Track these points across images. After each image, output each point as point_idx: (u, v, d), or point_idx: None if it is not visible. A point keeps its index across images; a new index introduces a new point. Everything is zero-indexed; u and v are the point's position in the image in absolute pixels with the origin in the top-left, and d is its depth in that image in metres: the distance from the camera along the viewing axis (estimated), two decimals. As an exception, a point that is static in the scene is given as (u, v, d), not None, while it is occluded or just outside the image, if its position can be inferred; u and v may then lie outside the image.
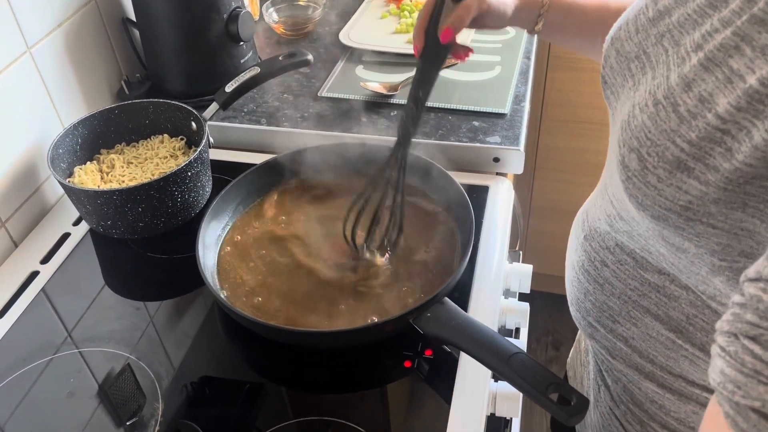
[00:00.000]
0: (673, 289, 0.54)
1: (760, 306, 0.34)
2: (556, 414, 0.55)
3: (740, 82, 0.40)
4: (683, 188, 0.43)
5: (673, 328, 0.56)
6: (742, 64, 0.41)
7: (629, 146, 0.47)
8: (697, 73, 0.44)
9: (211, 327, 0.74)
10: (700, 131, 0.42)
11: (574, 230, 0.67)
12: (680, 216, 0.45)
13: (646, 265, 0.55)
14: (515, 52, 1.10)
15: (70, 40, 0.93)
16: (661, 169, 0.44)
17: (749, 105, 0.39)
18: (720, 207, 0.42)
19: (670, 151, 0.44)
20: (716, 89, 0.42)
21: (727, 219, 0.42)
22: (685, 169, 0.43)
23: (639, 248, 0.55)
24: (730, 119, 0.40)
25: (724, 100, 0.41)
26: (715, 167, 0.41)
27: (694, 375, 0.57)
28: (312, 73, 1.09)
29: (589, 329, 0.65)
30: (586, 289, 0.63)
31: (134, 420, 0.64)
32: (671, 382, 0.59)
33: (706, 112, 0.42)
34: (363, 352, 0.70)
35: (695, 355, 0.55)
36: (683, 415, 0.60)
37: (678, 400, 0.59)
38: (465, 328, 0.63)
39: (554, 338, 1.84)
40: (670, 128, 0.44)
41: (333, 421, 0.63)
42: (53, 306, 0.77)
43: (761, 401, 0.33)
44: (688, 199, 0.43)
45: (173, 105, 0.90)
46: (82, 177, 0.84)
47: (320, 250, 0.78)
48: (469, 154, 0.91)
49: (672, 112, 0.44)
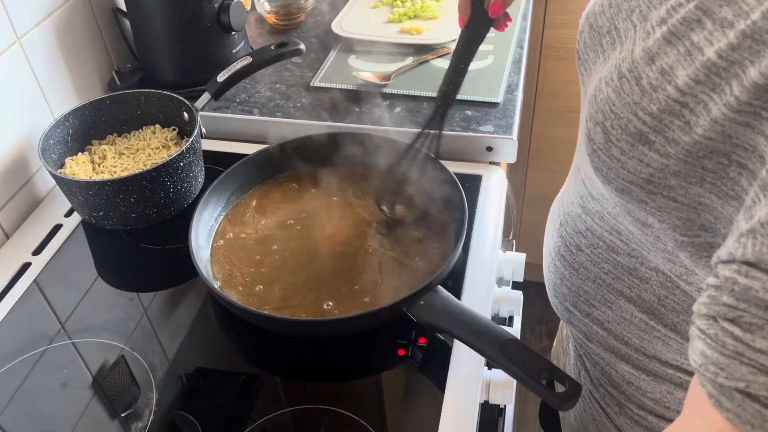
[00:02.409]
0: (644, 271, 0.55)
1: (735, 288, 0.34)
2: (548, 399, 0.56)
3: (699, 55, 0.41)
4: (644, 161, 0.44)
5: (646, 309, 0.57)
6: (702, 37, 0.41)
7: (594, 120, 0.48)
8: (660, 46, 0.44)
9: (205, 317, 0.74)
10: (661, 104, 0.42)
11: (551, 217, 0.68)
12: (642, 189, 0.45)
13: (617, 248, 0.56)
14: (508, 41, 1.10)
15: (60, 30, 0.93)
16: (624, 141, 0.45)
17: (707, 78, 0.40)
18: (680, 180, 0.42)
19: (633, 123, 0.44)
20: (677, 62, 0.42)
21: (687, 193, 0.43)
22: (647, 141, 0.43)
23: (609, 230, 0.56)
24: (688, 92, 0.41)
25: (683, 72, 0.41)
26: (674, 140, 0.42)
27: (667, 355, 0.58)
28: (304, 63, 1.09)
29: (566, 314, 0.66)
30: (562, 275, 0.64)
31: (129, 411, 0.64)
32: (646, 363, 0.60)
33: (666, 85, 0.42)
34: (357, 341, 0.70)
35: (667, 335, 0.56)
36: (658, 395, 0.61)
37: (653, 380, 0.60)
38: (458, 316, 0.63)
39: (548, 328, 1.85)
40: (632, 101, 0.44)
41: (327, 410, 0.63)
42: (45, 297, 0.77)
43: (745, 381, 0.33)
44: (650, 171, 0.44)
45: (165, 95, 0.89)
46: (74, 168, 0.84)
47: (314, 240, 0.78)
48: (462, 143, 0.91)
49: (635, 85, 0.45)
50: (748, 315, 0.33)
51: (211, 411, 0.64)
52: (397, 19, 1.15)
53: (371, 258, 0.75)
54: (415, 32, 1.11)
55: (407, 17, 1.15)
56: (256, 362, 0.70)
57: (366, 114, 0.96)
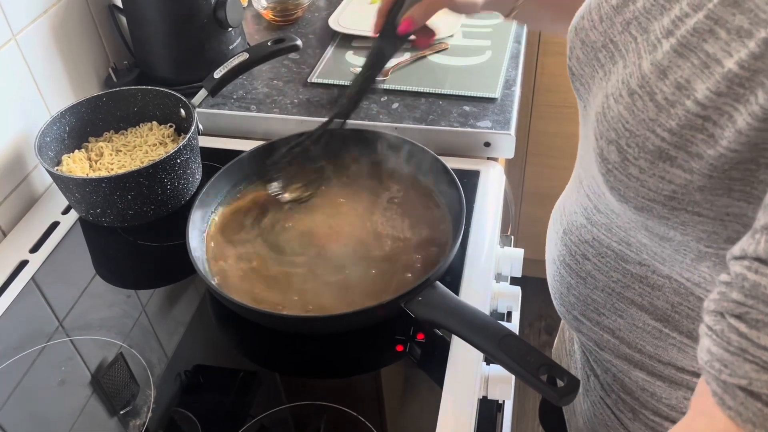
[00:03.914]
0: (656, 278, 0.54)
1: (745, 284, 0.34)
2: (546, 394, 0.56)
3: (717, 67, 0.39)
4: (666, 178, 0.43)
5: (659, 317, 0.55)
6: (718, 48, 0.40)
7: (607, 138, 0.46)
8: (671, 59, 0.43)
9: (203, 314, 0.74)
10: (680, 119, 0.41)
11: (552, 225, 0.66)
12: (665, 206, 0.44)
13: (627, 258, 0.55)
14: (505, 36, 1.10)
15: (56, 27, 0.92)
16: (643, 159, 0.44)
17: (729, 89, 0.39)
18: (705, 194, 0.41)
19: (651, 141, 0.43)
20: (693, 75, 0.41)
21: (713, 206, 0.42)
22: (668, 158, 0.42)
23: (617, 241, 0.55)
24: (710, 105, 0.40)
25: (703, 85, 0.40)
26: (698, 154, 0.41)
27: (683, 362, 0.56)
28: (302, 59, 1.08)
29: (575, 323, 0.65)
30: (569, 284, 0.63)
31: (127, 409, 0.64)
32: (661, 369, 0.58)
33: (684, 99, 0.41)
34: (355, 337, 0.70)
35: (683, 342, 0.55)
36: (675, 402, 0.60)
37: (669, 387, 0.59)
38: (456, 312, 0.63)
39: (547, 323, 1.85)
40: (648, 117, 0.43)
41: (326, 406, 0.63)
42: (43, 295, 0.76)
43: (748, 379, 0.33)
44: (672, 188, 0.43)
45: (162, 92, 0.89)
46: (71, 165, 0.83)
47: (312, 236, 0.78)
48: (459, 138, 0.91)
49: (649, 101, 0.43)
50: (755, 312, 0.33)
51: (209, 408, 0.64)
52: (395, 14, 1.15)
53: (369, 254, 0.75)
54: (412, 28, 1.10)
55: (404, 13, 1.15)
56: (254, 359, 0.70)
57: (363, 110, 0.96)
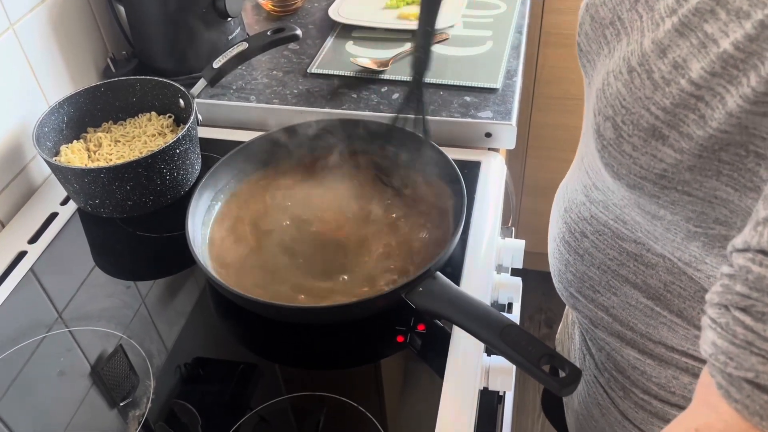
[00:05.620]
0: (650, 257, 0.54)
1: (749, 277, 0.33)
2: (548, 385, 0.55)
3: (714, 47, 0.39)
4: (658, 156, 0.43)
5: (651, 295, 0.56)
6: (717, 29, 0.40)
7: (604, 114, 0.46)
8: (671, 38, 0.43)
9: (203, 305, 0.73)
10: (674, 98, 0.41)
11: (556, 204, 0.67)
12: (655, 184, 0.44)
13: (623, 235, 0.56)
14: (507, 26, 1.09)
15: (54, 17, 0.91)
16: (636, 137, 0.44)
17: (723, 70, 0.38)
18: (695, 174, 0.42)
19: (645, 118, 0.43)
20: (690, 54, 0.41)
21: (702, 186, 0.42)
22: (660, 136, 0.42)
23: (614, 218, 0.55)
24: (704, 85, 0.40)
25: (698, 65, 0.40)
26: (689, 135, 0.41)
27: (673, 341, 0.57)
28: (301, 49, 1.08)
29: (571, 300, 0.66)
30: (567, 261, 0.64)
31: (127, 400, 0.64)
32: (651, 348, 0.60)
33: (679, 78, 0.41)
34: (356, 328, 0.69)
35: (673, 321, 0.56)
36: (664, 380, 0.61)
37: (658, 365, 0.60)
38: (457, 302, 0.63)
39: (547, 316, 1.85)
40: (644, 95, 0.43)
41: (326, 397, 0.63)
42: (42, 286, 0.76)
43: (754, 372, 0.33)
44: (663, 167, 0.43)
45: (160, 82, 0.89)
46: (69, 156, 0.83)
47: (311, 227, 0.77)
48: (460, 129, 0.91)
49: (647, 78, 0.43)
50: (760, 304, 0.33)
51: (209, 399, 0.64)
52: (395, 4, 1.14)
53: (370, 244, 0.74)
54: (412, 18, 1.09)
55: (405, 3, 1.14)
56: (254, 350, 0.69)
57: (363, 100, 0.95)
